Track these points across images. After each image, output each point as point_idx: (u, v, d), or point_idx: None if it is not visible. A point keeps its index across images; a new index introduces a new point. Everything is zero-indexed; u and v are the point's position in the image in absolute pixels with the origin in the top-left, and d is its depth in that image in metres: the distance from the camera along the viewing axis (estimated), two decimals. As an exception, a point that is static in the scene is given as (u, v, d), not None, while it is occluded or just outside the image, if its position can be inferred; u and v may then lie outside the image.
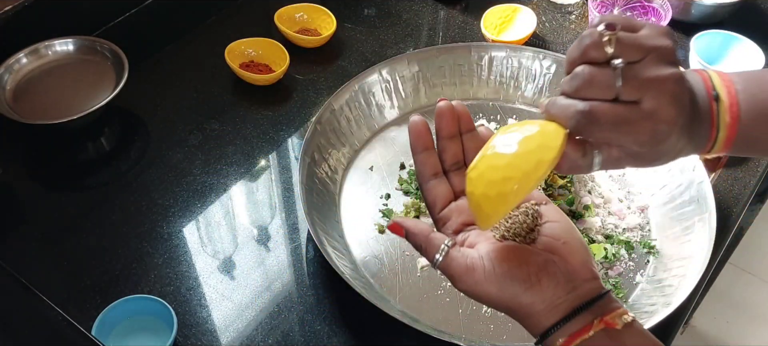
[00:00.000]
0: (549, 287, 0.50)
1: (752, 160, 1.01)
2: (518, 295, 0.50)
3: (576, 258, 0.52)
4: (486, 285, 0.51)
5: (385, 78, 1.03)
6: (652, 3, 1.19)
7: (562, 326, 0.49)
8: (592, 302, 0.50)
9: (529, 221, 0.54)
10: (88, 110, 0.95)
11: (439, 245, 0.53)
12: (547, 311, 0.50)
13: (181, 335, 0.78)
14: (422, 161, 0.59)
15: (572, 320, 0.49)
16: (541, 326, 0.50)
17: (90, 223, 0.89)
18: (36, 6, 1.04)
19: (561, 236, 0.53)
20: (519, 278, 0.50)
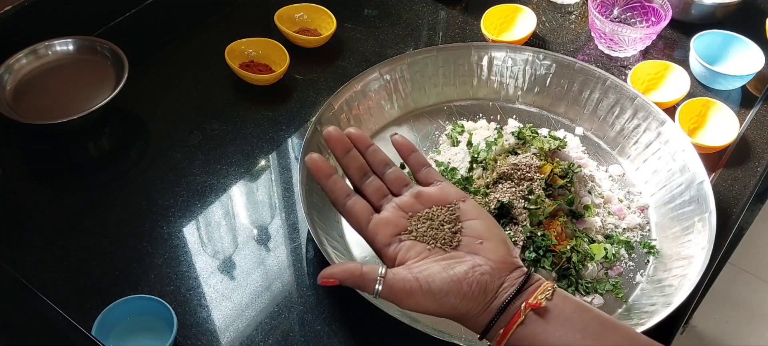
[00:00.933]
0: (480, 292, 0.57)
1: (752, 160, 1.01)
2: (456, 305, 0.57)
3: (498, 255, 0.59)
4: (426, 304, 0.57)
5: (385, 78, 1.03)
6: (652, 3, 1.19)
7: (496, 321, 0.57)
8: (518, 293, 0.57)
9: (451, 226, 0.60)
10: (88, 110, 0.95)
11: (374, 278, 0.58)
12: (482, 311, 0.57)
13: (181, 335, 0.78)
14: (330, 188, 0.64)
15: (504, 313, 0.57)
16: (481, 325, 0.58)
17: (90, 223, 0.89)
18: (36, 6, 1.04)
19: (482, 235, 0.60)
20: (453, 293, 0.57)
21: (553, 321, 0.56)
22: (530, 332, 0.56)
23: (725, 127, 1.01)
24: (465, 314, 0.58)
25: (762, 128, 1.06)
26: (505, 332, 0.57)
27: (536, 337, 0.56)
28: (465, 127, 1.02)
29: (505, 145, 0.95)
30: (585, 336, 0.55)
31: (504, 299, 0.57)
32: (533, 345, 0.56)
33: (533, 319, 0.56)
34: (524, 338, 0.56)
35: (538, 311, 0.56)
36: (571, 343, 0.55)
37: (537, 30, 1.21)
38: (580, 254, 0.85)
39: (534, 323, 0.56)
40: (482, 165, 0.93)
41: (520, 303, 0.57)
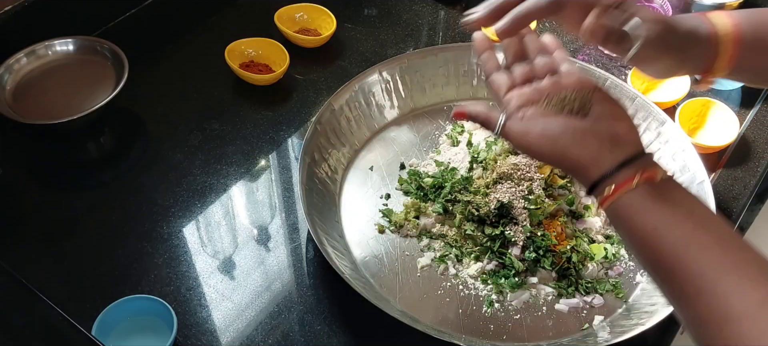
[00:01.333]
0: (594, 144, 0.58)
1: (752, 160, 1.01)
2: (568, 148, 0.58)
3: (621, 125, 0.59)
4: (540, 143, 0.60)
5: (385, 78, 1.03)
6: (652, 3, 1.19)
7: (609, 178, 0.56)
8: (635, 159, 0.57)
9: (580, 102, 0.61)
10: (88, 110, 0.95)
11: (498, 116, 0.63)
12: (593, 165, 0.58)
13: (181, 335, 0.78)
14: (484, 61, 0.69)
15: (618, 173, 0.56)
16: (591, 178, 0.58)
17: (90, 223, 0.89)
18: (36, 6, 1.04)
19: (610, 114, 0.60)
20: (567, 135, 0.59)
21: (661, 201, 0.54)
22: (637, 202, 0.55)
23: (725, 127, 1.01)
24: (575, 162, 0.58)
25: (762, 128, 1.06)
26: (615, 190, 0.56)
27: (640, 210, 0.55)
28: (465, 127, 1.02)
29: (505, 145, 0.95)
30: (693, 224, 0.54)
31: (620, 161, 0.56)
32: (635, 218, 0.55)
33: (643, 189, 0.55)
34: (629, 207, 0.55)
35: (652, 184, 0.55)
36: (674, 231, 0.53)
37: (537, 30, 1.21)
38: (580, 254, 0.85)
39: (643, 196, 0.55)
40: (482, 165, 0.93)
41: (635, 172, 0.56)
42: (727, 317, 0.48)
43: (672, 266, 0.52)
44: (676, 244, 0.53)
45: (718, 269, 0.50)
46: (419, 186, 0.93)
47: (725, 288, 0.49)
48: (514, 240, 0.84)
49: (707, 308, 0.50)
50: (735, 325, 0.48)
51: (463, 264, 0.86)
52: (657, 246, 0.54)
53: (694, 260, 0.51)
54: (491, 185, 0.89)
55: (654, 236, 0.54)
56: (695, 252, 0.52)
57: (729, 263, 0.51)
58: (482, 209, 0.87)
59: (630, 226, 0.56)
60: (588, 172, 0.58)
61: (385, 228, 0.90)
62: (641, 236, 0.55)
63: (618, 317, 0.82)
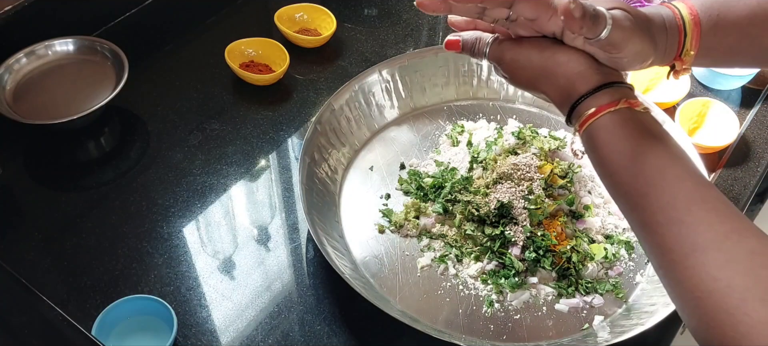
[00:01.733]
0: (582, 55, 0.59)
1: (752, 160, 1.01)
2: (556, 52, 0.59)
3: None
4: (529, 49, 0.60)
5: (385, 78, 1.03)
6: (652, 3, 1.19)
7: (594, 94, 0.57)
8: (621, 83, 0.58)
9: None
10: (88, 110, 0.95)
11: (487, 38, 0.65)
12: (580, 77, 0.58)
13: (181, 335, 0.78)
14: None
15: (603, 90, 0.57)
16: (575, 91, 0.58)
17: (90, 223, 0.89)
18: (36, 6, 1.04)
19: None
20: (556, 42, 0.60)
21: (640, 128, 0.56)
22: (618, 126, 0.56)
23: (725, 127, 1.01)
24: (562, 68, 0.59)
25: (762, 128, 1.06)
26: (598, 110, 0.56)
27: (620, 134, 0.56)
28: (465, 127, 1.02)
29: (505, 145, 0.95)
30: (669, 156, 0.55)
31: (607, 80, 0.58)
32: (614, 141, 0.56)
33: (624, 114, 0.56)
34: (609, 130, 0.56)
35: (633, 112, 0.56)
36: (651, 160, 0.54)
37: None
38: (580, 254, 0.85)
39: (624, 120, 0.56)
40: (482, 165, 0.93)
41: (619, 96, 0.57)
42: (694, 246, 0.50)
43: (645, 192, 0.53)
44: (652, 171, 0.54)
45: (689, 200, 0.52)
46: (419, 186, 0.93)
47: (694, 218, 0.51)
48: (514, 240, 0.84)
49: (675, 236, 0.51)
50: (700, 254, 0.49)
51: (463, 264, 0.86)
52: (633, 171, 0.54)
53: (668, 188, 0.53)
54: (491, 185, 0.89)
55: (631, 160, 0.55)
56: (669, 181, 0.53)
57: (699, 196, 0.52)
58: (482, 209, 0.87)
59: (607, 150, 0.56)
60: (573, 84, 0.59)
61: (385, 228, 0.90)
62: (618, 160, 0.56)
63: (618, 317, 0.82)
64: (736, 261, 0.48)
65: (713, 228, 0.50)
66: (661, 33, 0.61)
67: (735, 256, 0.48)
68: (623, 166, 0.55)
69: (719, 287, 0.47)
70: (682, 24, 0.62)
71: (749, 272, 0.47)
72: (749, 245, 0.49)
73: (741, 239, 0.49)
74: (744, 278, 0.47)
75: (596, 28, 0.56)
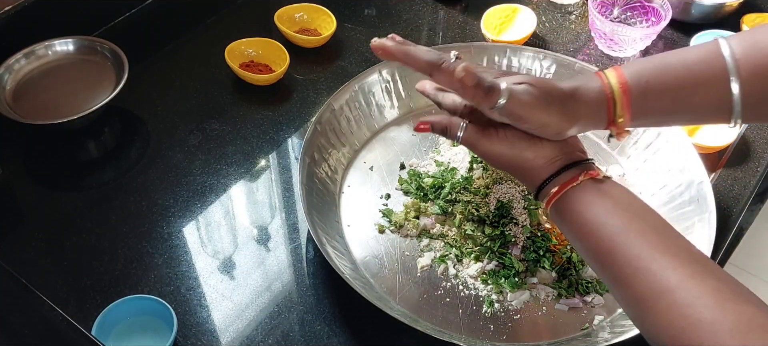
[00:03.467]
0: (548, 146, 0.65)
1: (752, 160, 1.01)
2: (524, 150, 0.66)
3: (573, 141, 0.68)
4: (498, 146, 0.67)
5: (385, 78, 1.03)
6: (652, 3, 1.19)
7: (557, 176, 0.65)
8: (582, 162, 0.65)
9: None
10: (88, 110, 0.95)
11: (459, 123, 0.70)
12: (545, 165, 0.65)
13: (181, 335, 0.78)
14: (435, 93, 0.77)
15: (565, 172, 0.64)
16: (540, 178, 0.66)
17: (90, 223, 0.89)
18: (36, 6, 1.04)
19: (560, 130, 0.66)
20: (525, 139, 0.66)
21: (601, 195, 0.62)
22: (580, 198, 0.62)
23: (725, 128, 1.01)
24: (529, 163, 0.66)
25: (762, 128, 1.06)
26: (561, 188, 0.64)
27: (583, 204, 0.62)
28: (465, 127, 1.02)
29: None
30: (631, 215, 0.60)
31: (568, 162, 0.65)
32: (578, 211, 0.62)
33: (587, 186, 0.63)
34: (573, 202, 0.63)
35: (595, 182, 0.63)
36: (614, 221, 0.60)
37: (537, 30, 1.21)
38: (580, 254, 0.85)
39: (585, 191, 0.63)
40: (482, 165, 0.93)
41: (579, 172, 0.64)
42: (662, 290, 0.54)
43: (611, 250, 0.58)
44: (615, 231, 0.59)
45: (653, 250, 0.56)
46: (419, 186, 0.93)
47: (659, 265, 0.55)
48: (514, 240, 0.84)
49: (644, 284, 0.55)
50: (669, 296, 0.53)
51: (463, 264, 0.86)
52: (598, 235, 0.60)
53: (632, 244, 0.57)
54: (491, 185, 0.89)
55: (595, 226, 0.60)
56: (633, 238, 0.58)
57: (663, 245, 0.56)
58: (482, 209, 0.87)
59: (573, 219, 0.63)
60: (539, 172, 0.66)
61: (385, 228, 0.90)
62: (583, 227, 0.61)
63: (618, 317, 0.82)
64: (702, 297, 0.52)
65: (677, 272, 0.54)
66: (584, 105, 0.65)
67: (700, 293, 0.52)
68: (589, 232, 0.61)
69: (690, 323, 0.51)
70: (610, 93, 0.65)
71: (715, 306, 0.51)
72: (711, 282, 0.52)
73: (704, 278, 0.53)
74: (711, 312, 0.51)
75: (490, 99, 0.62)
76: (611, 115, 0.66)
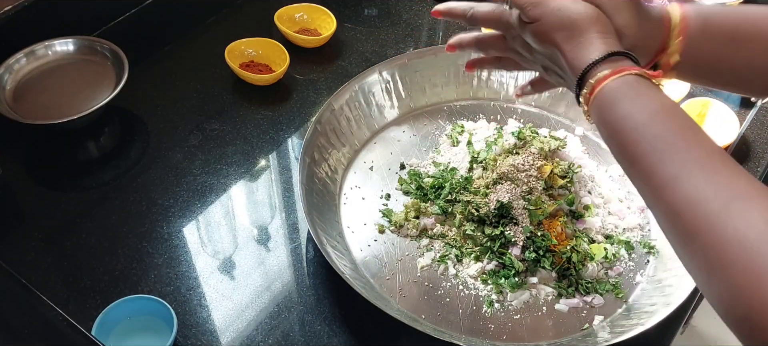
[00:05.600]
0: (599, 22, 0.62)
1: (752, 160, 1.01)
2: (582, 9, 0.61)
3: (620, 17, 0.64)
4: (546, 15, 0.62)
5: (385, 78, 1.03)
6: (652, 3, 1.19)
7: (608, 59, 0.59)
8: (626, 54, 0.59)
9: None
10: (88, 110, 0.95)
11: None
12: (596, 42, 0.60)
13: (181, 335, 0.78)
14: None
15: (614, 58, 0.59)
16: (589, 57, 0.59)
17: (90, 223, 0.89)
18: (36, 6, 1.04)
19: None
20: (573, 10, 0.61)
21: (646, 91, 0.56)
22: (624, 90, 0.57)
23: (725, 127, 1.01)
24: (584, 29, 0.61)
25: (762, 128, 1.06)
26: (603, 78, 0.58)
27: (623, 98, 0.56)
28: (465, 127, 1.02)
29: (505, 145, 0.95)
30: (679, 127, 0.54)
31: (611, 49, 0.59)
32: (615, 106, 0.57)
33: (623, 85, 0.57)
34: (615, 92, 0.57)
35: (635, 79, 0.57)
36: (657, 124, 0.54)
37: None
38: (580, 254, 0.85)
39: (627, 86, 0.57)
40: (482, 165, 0.93)
41: (623, 65, 0.58)
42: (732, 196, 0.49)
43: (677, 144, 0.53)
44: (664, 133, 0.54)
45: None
46: (419, 186, 0.93)
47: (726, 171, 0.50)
48: (514, 240, 0.84)
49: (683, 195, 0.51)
50: (741, 202, 0.48)
51: (463, 264, 0.86)
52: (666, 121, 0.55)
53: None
54: (491, 185, 0.89)
55: (663, 111, 0.55)
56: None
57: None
58: (482, 209, 0.87)
59: (635, 104, 0.56)
60: (589, 48, 0.60)
61: (385, 228, 0.90)
62: (651, 111, 0.55)
63: (618, 317, 0.82)
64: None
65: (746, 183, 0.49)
66: (644, 12, 0.64)
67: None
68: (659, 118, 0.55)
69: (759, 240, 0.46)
70: (668, 16, 0.64)
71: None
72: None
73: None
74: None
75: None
76: (665, 39, 0.64)
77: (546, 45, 0.64)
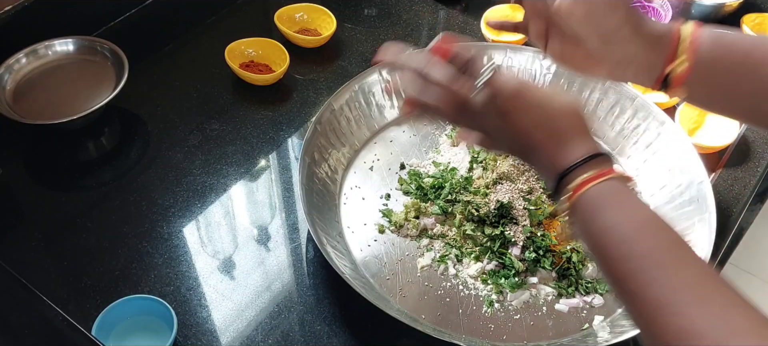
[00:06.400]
0: (573, 121, 0.58)
1: (752, 160, 1.01)
2: (552, 118, 0.58)
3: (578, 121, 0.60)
4: (527, 108, 0.59)
5: (385, 78, 1.03)
6: (652, 3, 1.19)
7: (581, 166, 0.56)
8: (600, 155, 0.57)
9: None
10: (88, 110, 0.95)
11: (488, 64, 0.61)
12: (578, 142, 0.57)
13: (181, 335, 0.78)
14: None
15: (589, 163, 0.56)
16: (561, 165, 0.56)
17: (90, 223, 0.89)
18: (36, 6, 1.04)
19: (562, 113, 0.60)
20: (556, 102, 0.59)
21: (629, 199, 0.55)
22: (608, 198, 0.54)
23: (725, 127, 1.01)
24: (556, 137, 0.58)
25: (762, 128, 1.06)
26: (587, 181, 0.55)
27: (608, 207, 0.54)
28: (465, 127, 1.01)
29: (505, 145, 0.94)
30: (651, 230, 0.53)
31: (594, 151, 0.57)
32: (600, 215, 0.54)
33: (607, 191, 0.55)
34: (600, 199, 0.55)
35: (619, 185, 0.55)
36: (634, 226, 0.53)
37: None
38: (580, 254, 0.85)
39: (611, 192, 0.55)
40: (482, 165, 0.93)
41: (606, 168, 0.56)
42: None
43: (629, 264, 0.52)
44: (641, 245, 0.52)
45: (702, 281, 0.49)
46: (419, 186, 0.93)
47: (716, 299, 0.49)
48: (514, 240, 0.84)
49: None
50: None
51: (463, 264, 0.86)
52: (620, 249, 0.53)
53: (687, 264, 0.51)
54: (491, 185, 0.89)
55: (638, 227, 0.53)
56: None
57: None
58: (482, 209, 0.87)
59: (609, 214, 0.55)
60: (572, 147, 0.57)
61: (385, 228, 0.90)
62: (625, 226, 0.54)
63: (618, 317, 0.82)
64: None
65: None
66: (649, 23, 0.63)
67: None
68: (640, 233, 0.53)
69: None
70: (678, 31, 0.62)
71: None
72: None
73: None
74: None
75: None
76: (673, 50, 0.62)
77: (517, 138, 0.60)
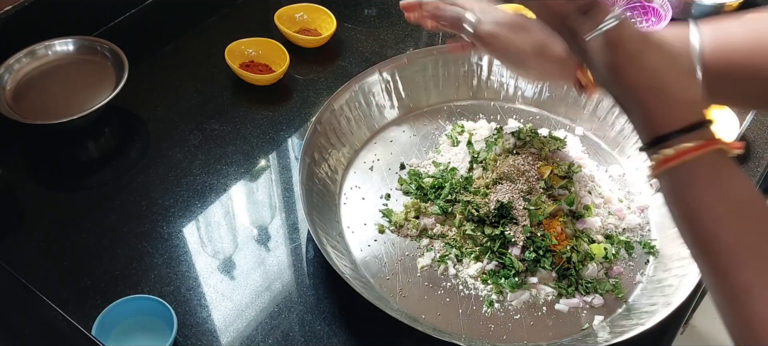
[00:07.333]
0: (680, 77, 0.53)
1: (752, 160, 1.01)
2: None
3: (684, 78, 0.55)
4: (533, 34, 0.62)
5: (385, 78, 1.03)
6: (652, 3, 1.19)
7: (696, 130, 0.50)
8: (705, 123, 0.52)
9: None
10: (88, 110, 0.95)
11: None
12: (686, 107, 0.51)
13: (181, 335, 0.78)
14: None
15: (700, 131, 0.50)
16: (684, 112, 0.51)
17: (90, 223, 0.89)
18: (36, 6, 1.04)
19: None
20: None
21: (728, 175, 0.51)
22: (704, 171, 0.50)
23: (725, 128, 1.01)
24: (672, 82, 0.53)
25: (762, 128, 1.06)
26: (698, 147, 0.50)
27: (703, 181, 0.50)
28: (465, 127, 1.02)
29: (505, 145, 0.95)
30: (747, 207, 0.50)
31: (700, 118, 0.51)
32: (693, 188, 0.51)
33: (705, 164, 0.50)
34: (696, 171, 0.51)
35: (718, 158, 0.51)
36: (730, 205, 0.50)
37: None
38: (580, 254, 0.85)
39: (708, 166, 0.50)
40: (482, 165, 0.93)
41: (708, 138, 0.51)
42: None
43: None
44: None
45: None
46: (419, 186, 0.93)
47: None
48: (514, 240, 0.84)
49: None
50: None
51: (463, 264, 0.86)
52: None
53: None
54: (491, 185, 0.89)
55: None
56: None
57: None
58: (482, 209, 0.87)
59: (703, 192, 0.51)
60: (662, 118, 0.52)
61: (385, 228, 0.90)
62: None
63: (618, 317, 0.82)
64: None
65: None
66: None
67: None
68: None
69: None
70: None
71: None
72: None
73: None
74: None
75: None
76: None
77: (618, 85, 0.55)
